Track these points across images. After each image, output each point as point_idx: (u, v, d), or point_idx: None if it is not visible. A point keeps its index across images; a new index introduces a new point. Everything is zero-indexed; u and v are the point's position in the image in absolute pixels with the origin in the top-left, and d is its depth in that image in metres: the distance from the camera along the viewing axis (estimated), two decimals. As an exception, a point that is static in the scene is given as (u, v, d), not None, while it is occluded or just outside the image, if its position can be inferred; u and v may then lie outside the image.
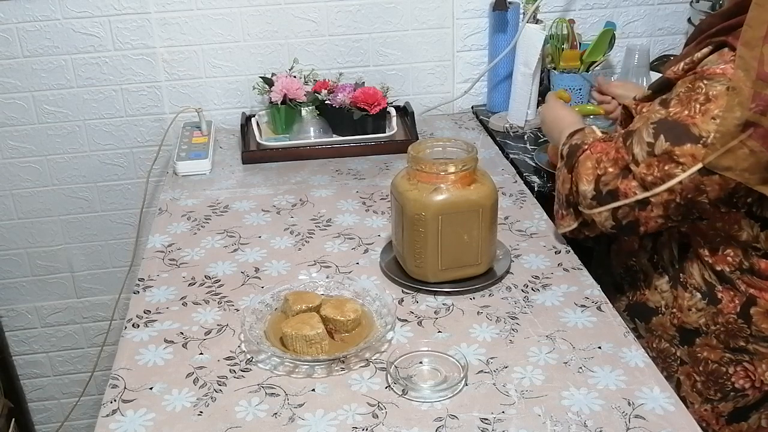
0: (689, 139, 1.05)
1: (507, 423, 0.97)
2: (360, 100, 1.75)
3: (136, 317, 1.20)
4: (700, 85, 1.06)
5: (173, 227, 1.47)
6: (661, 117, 1.09)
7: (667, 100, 1.10)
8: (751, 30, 1.02)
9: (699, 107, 1.05)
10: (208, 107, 1.95)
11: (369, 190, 1.59)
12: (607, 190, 1.15)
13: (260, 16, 1.88)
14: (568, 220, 1.28)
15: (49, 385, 2.27)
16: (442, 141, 1.25)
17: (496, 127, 1.90)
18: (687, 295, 1.22)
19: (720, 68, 1.05)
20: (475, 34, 1.97)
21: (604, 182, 1.16)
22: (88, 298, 2.17)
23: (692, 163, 1.05)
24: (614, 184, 1.14)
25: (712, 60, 1.08)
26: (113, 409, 1.01)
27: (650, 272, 1.28)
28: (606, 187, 1.15)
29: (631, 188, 1.12)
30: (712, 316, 1.19)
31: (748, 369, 1.19)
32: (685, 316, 1.22)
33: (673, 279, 1.24)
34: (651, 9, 2.02)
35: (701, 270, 1.20)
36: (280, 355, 1.07)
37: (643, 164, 1.10)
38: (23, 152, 1.96)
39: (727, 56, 1.06)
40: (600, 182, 1.16)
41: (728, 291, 1.17)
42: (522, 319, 1.17)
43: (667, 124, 1.08)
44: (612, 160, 1.15)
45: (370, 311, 1.16)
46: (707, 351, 1.21)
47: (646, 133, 1.10)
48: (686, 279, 1.22)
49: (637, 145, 1.11)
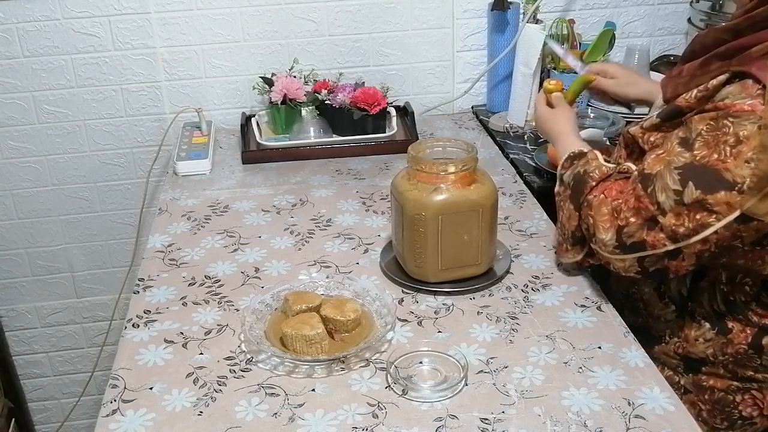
0: (722, 186, 0.96)
1: (507, 423, 0.97)
2: (360, 100, 1.75)
3: (136, 317, 1.20)
4: (726, 123, 0.97)
5: (173, 227, 1.47)
6: (686, 161, 1.00)
7: (689, 141, 1.01)
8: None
9: (729, 150, 0.96)
10: (208, 107, 1.95)
11: (369, 190, 1.59)
12: (631, 242, 1.06)
13: (260, 16, 1.88)
14: (573, 254, 1.21)
15: (49, 385, 2.27)
16: (442, 141, 1.25)
17: (496, 127, 1.90)
18: (695, 325, 1.17)
19: (747, 104, 0.96)
20: (475, 34, 1.97)
21: (628, 234, 1.06)
22: (88, 298, 2.17)
23: (728, 212, 0.97)
24: (640, 236, 1.04)
25: (734, 93, 0.99)
26: (113, 409, 1.01)
27: (654, 301, 1.23)
28: (630, 239, 1.06)
29: (659, 240, 1.03)
30: (721, 347, 1.15)
31: (756, 397, 1.16)
32: (692, 345, 1.18)
33: (680, 309, 1.20)
34: (651, 9, 2.02)
35: (711, 300, 1.15)
36: (280, 355, 1.07)
37: (671, 214, 1.01)
38: (23, 152, 1.96)
39: (752, 89, 0.97)
40: (622, 233, 1.06)
41: (739, 322, 1.14)
42: (522, 319, 1.17)
43: (695, 169, 0.99)
44: (633, 210, 1.05)
45: (370, 311, 1.16)
46: (713, 379, 1.18)
47: (671, 180, 1.00)
48: (695, 308, 1.17)
49: (662, 193, 1.01)
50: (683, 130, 1.04)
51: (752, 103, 0.96)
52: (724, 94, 1.00)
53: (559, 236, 1.25)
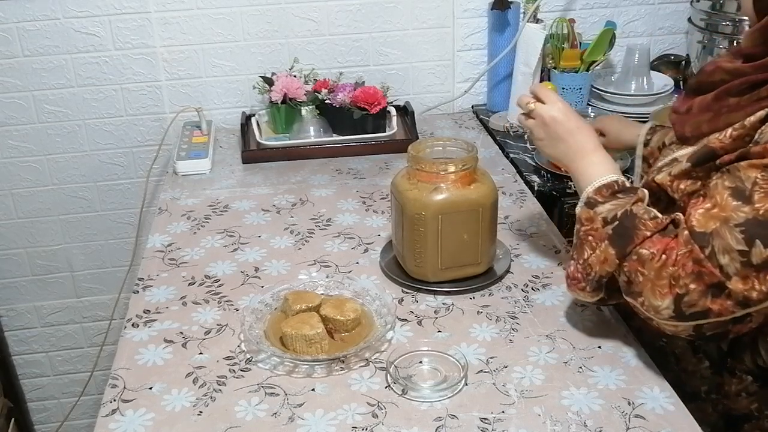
0: None
1: (507, 423, 0.97)
2: (360, 99, 1.75)
3: (136, 317, 1.20)
4: None
5: (173, 227, 1.47)
6: (747, 217, 0.89)
7: (744, 193, 0.90)
8: None
9: None
10: (208, 107, 1.95)
11: (369, 190, 1.59)
12: (692, 312, 0.93)
13: (260, 16, 1.88)
14: (590, 296, 1.06)
15: (48, 384, 2.27)
16: (442, 140, 1.25)
17: (496, 126, 1.89)
18: (735, 381, 1.08)
19: None
20: (475, 34, 1.97)
21: (688, 303, 0.93)
22: (87, 298, 2.17)
23: None
24: (703, 305, 0.92)
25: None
26: (113, 409, 1.01)
27: (688, 356, 1.14)
28: (691, 309, 0.93)
29: (726, 307, 0.91)
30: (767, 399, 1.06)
31: None
32: (733, 402, 1.08)
33: (717, 365, 1.11)
34: (651, 8, 2.01)
35: (754, 356, 1.05)
36: (280, 354, 1.07)
37: (737, 278, 0.89)
38: (23, 152, 1.95)
39: None
40: (682, 302, 0.93)
41: None
42: (522, 318, 1.17)
43: (761, 225, 0.88)
44: (692, 276, 0.92)
45: (370, 311, 1.16)
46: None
47: (733, 239, 0.89)
48: (734, 365, 1.08)
49: (724, 255, 0.89)
50: (731, 179, 0.92)
51: None
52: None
53: (576, 271, 1.06)
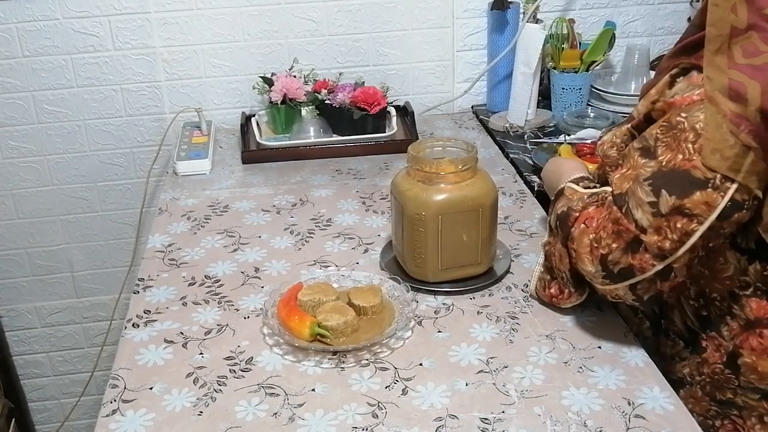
0: (696, 186, 0.91)
1: (507, 423, 0.97)
2: (360, 99, 1.75)
3: (136, 317, 1.20)
4: (679, 120, 0.93)
5: (173, 227, 1.47)
6: (653, 170, 0.95)
7: (650, 150, 0.96)
8: (714, 29, 0.91)
9: (692, 146, 0.91)
10: (208, 107, 1.95)
11: (369, 190, 1.59)
12: (618, 269, 0.99)
13: (260, 16, 1.88)
14: (576, 297, 1.12)
15: (49, 385, 2.28)
16: (441, 140, 1.25)
17: (496, 126, 1.90)
18: (670, 344, 1.12)
19: (696, 94, 0.92)
20: (475, 34, 1.97)
21: (613, 261, 0.99)
22: (88, 298, 2.17)
23: (708, 212, 0.91)
24: (626, 261, 0.97)
25: (681, 89, 0.96)
26: (113, 409, 1.01)
27: (631, 318, 1.18)
28: (617, 267, 0.98)
29: (646, 261, 0.96)
30: (697, 366, 1.09)
31: (737, 422, 1.07)
32: (669, 365, 1.12)
33: (654, 325, 1.15)
34: (651, 9, 2.02)
35: (683, 316, 1.09)
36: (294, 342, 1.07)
37: (651, 230, 0.94)
38: (23, 152, 1.96)
39: (697, 79, 0.93)
40: (607, 262, 0.99)
41: (713, 339, 1.06)
42: (522, 318, 1.17)
43: (665, 176, 0.94)
44: (613, 235, 0.98)
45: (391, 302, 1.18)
46: (692, 403, 1.10)
47: (643, 193, 0.95)
48: (668, 325, 1.12)
49: (637, 210, 0.95)
50: (640, 141, 0.99)
51: (700, 92, 0.92)
52: (673, 92, 0.97)
53: (556, 286, 1.14)
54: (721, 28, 0.91)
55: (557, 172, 1.24)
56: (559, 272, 1.13)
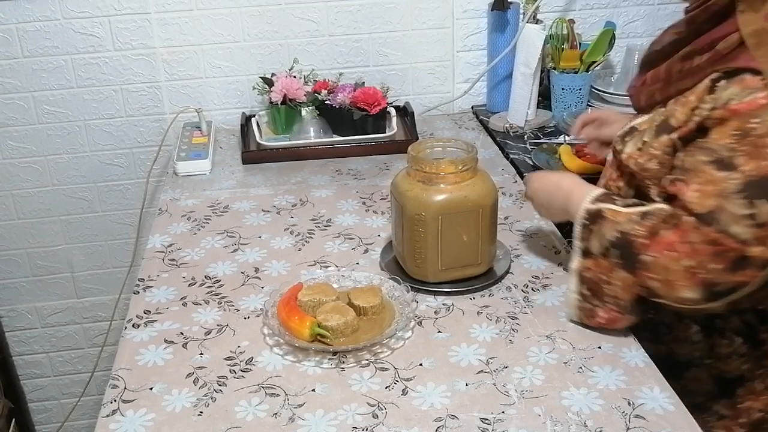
0: None
1: (507, 423, 0.97)
2: (360, 100, 1.75)
3: (136, 317, 1.20)
4: (752, 126, 0.92)
5: (173, 227, 1.47)
6: (740, 181, 0.93)
7: (723, 161, 0.94)
8: None
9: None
10: (208, 107, 1.95)
11: (369, 190, 1.59)
12: (721, 290, 0.97)
13: (260, 16, 1.88)
14: (631, 322, 1.09)
15: (49, 385, 2.27)
16: (441, 141, 1.25)
17: (496, 127, 1.90)
18: (725, 342, 1.11)
19: (760, 98, 0.91)
20: (475, 34, 1.97)
21: (717, 282, 0.96)
22: (88, 299, 2.17)
23: None
24: (731, 280, 0.95)
25: (736, 93, 0.94)
26: (113, 410, 1.01)
27: (676, 324, 1.16)
28: (719, 287, 0.96)
29: (749, 275, 0.94)
30: (757, 359, 1.09)
31: None
32: (725, 364, 1.11)
33: (705, 327, 1.13)
34: (651, 9, 2.02)
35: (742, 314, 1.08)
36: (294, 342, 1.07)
37: (755, 242, 0.92)
38: (23, 152, 1.96)
39: (754, 83, 0.92)
40: (711, 285, 0.96)
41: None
42: (522, 319, 1.17)
43: (755, 184, 0.92)
44: (712, 256, 0.95)
45: (391, 303, 1.18)
46: (751, 400, 1.11)
47: (736, 206, 0.92)
48: (723, 324, 1.11)
49: (734, 225, 0.93)
50: (706, 154, 0.96)
51: (765, 95, 0.91)
52: (725, 98, 0.95)
53: (609, 312, 1.08)
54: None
55: (557, 189, 1.17)
56: (615, 300, 1.07)
